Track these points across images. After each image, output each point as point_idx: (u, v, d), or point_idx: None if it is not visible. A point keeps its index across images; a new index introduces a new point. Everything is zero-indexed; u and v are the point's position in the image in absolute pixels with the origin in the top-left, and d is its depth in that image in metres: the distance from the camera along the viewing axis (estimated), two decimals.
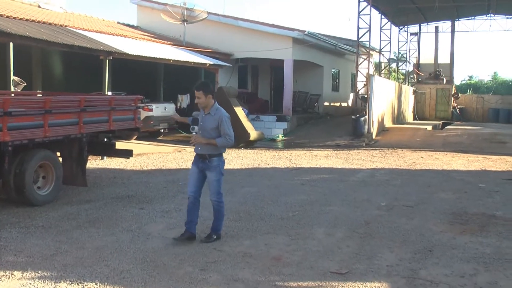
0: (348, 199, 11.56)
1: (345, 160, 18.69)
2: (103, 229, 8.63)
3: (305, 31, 28.37)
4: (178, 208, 10.22)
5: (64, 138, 10.59)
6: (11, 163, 9.73)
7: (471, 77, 73.87)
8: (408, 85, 43.59)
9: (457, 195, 12.28)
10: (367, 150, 22.24)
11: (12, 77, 15.18)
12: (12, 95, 13.64)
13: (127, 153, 12.81)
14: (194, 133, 8.13)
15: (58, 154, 11.41)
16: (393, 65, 46.18)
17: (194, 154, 8.32)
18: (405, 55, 46.61)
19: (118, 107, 11.92)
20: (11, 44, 15.04)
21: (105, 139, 12.59)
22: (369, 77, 28.55)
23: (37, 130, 9.81)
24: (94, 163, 15.71)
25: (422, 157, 19.71)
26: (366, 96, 30.80)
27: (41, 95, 14.79)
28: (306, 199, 11.41)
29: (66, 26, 19.70)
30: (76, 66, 24.09)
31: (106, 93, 18.06)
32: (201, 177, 8.19)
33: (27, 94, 13.75)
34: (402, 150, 22.00)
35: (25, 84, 15.49)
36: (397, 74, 46.00)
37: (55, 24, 19.16)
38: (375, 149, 22.40)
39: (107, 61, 17.91)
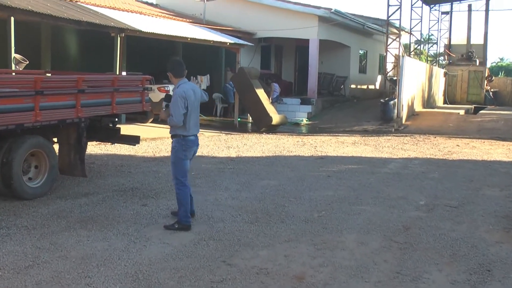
0: (381, 196, 10.15)
1: (374, 147, 17.27)
2: (95, 232, 7.34)
3: (331, 9, 26.91)
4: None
5: (58, 123, 9.28)
6: None
7: (501, 59, 71.70)
8: (438, 67, 41.79)
9: (506, 192, 10.82)
10: (397, 136, 20.81)
11: (14, 54, 13.93)
12: (13, 74, 12.41)
13: (134, 140, 11.49)
14: (163, 109, 7.99)
15: (55, 140, 10.16)
16: (421, 47, 44.34)
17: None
18: (434, 36, 44.62)
19: (122, 88, 10.57)
20: (12, 19, 13.78)
21: (110, 124, 11.29)
22: (399, 58, 26.99)
23: (26, 114, 8.49)
24: (103, 148, 14.48)
25: (458, 145, 18.24)
26: (395, 78, 29.36)
27: (49, 74, 13.51)
28: (333, 196, 10.03)
29: (76, 1, 18.41)
30: (90, 45, 22.84)
31: (118, 73, 16.81)
32: None
33: (23, 73, 12.49)
34: (435, 137, 20.55)
35: (27, 63, 14.23)
36: (427, 56, 44.04)
37: None
38: (406, 135, 20.97)
39: (119, 38, 16.66)
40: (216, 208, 8.72)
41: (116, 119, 11.26)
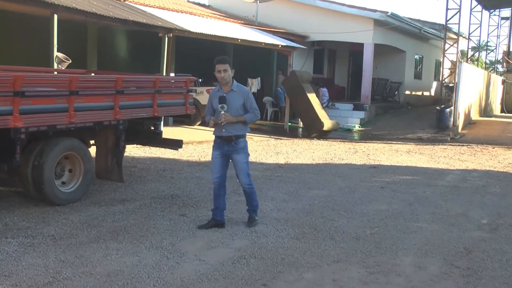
0: (439, 211, 9.33)
1: (430, 157, 16.39)
2: (126, 244, 6.74)
3: (388, 12, 26.01)
4: (227, 215, 8.20)
5: (94, 125, 8.75)
6: (29, 153, 8.01)
7: None
8: (495, 74, 40.39)
9: None
10: (453, 145, 19.86)
11: (56, 53, 13.51)
12: (55, 73, 11.97)
13: (176, 144, 10.92)
14: (223, 112, 7.42)
15: (92, 142, 9.64)
16: (478, 54, 42.94)
17: (215, 138, 7.77)
18: (492, 42, 43.11)
19: (164, 90, 9.99)
20: (55, 16, 13.35)
21: (152, 127, 10.74)
22: (457, 64, 25.97)
23: (59, 115, 7.97)
24: (147, 151, 13.97)
25: None
26: (451, 85, 28.32)
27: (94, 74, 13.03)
28: (387, 210, 9.26)
29: (124, 0, 17.97)
30: (138, 45, 22.50)
31: (165, 74, 16.32)
32: (225, 162, 7.75)
33: (66, 72, 12.03)
34: (494, 147, 19.52)
35: (70, 62, 13.80)
36: (484, 63, 42.64)
37: None
38: (463, 145, 19.99)
39: (167, 38, 16.16)
40: (260, 220, 8.04)
41: (159, 122, 10.70)
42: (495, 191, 11.52)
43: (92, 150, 9.48)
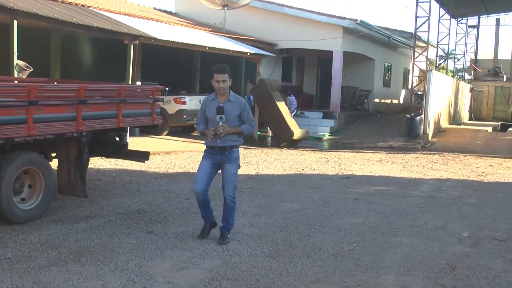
0: (418, 224, 8.99)
1: (402, 166, 16.11)
2: (89, 267, 6.25)
3: (357, 19, 25.75)
4: (197, 232, 7.79)
5: (56, 137, 8.24)
6: None
7: None
8: (462, 81, 40.49)
9: None
10: (424, 154, 19.65)
11: (16, 61, 12.93)
12: (16, 82, 11.43)
13: (143, 156, 10.44)
14: (221, 123, 7.15)
15: (54, 155, 9.12)
16: (445, 62, 43.00)
17: (206, 148, 7.50)
18: (459, 50, 43.13)
19: (130, 99, 9.51)
20: (15, 22, 12.78)
21: (117, 138, 10.25)
22: (426, 72, 25.84)
23: (17, 127, 7.44)
24: (113, 162, 13.41)
25: (491, 166, 17.04)
26: (420, 93, 28.23)
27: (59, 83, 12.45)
28: (364, 224, 8.88)
29: (88, 6, 17.43)
30: (104, 53, 21.91)
31: (130, 82, 15.82)
32: (213, 172, 7.47)
33: (26, 81, 11.46)
34: (465, 156, 19.34)
35: (31, 70, 13.23)
36: (448, 71, 42.73)
37: (76, 4, 16.89)
38: (434, 153, 19.78)
39: (132, 46, 15.68)
40: (232, 236, 7.61)
41: (124, 133, 10.22)
42: (471, 201, 11.23)
43: (54, 164, 8.97)
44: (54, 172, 8.70)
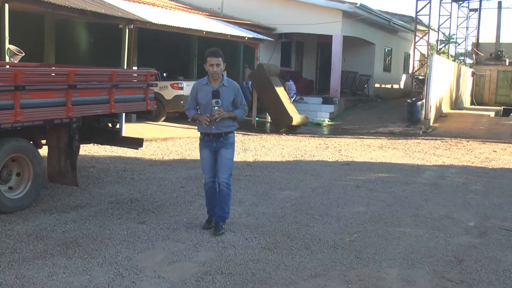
0: (421, 213, 8.66)
1: (404, 152, 15.78)
2: (76, 260, 5.93)
3: (356, 3, 25.34)
4: (191, 222, 7.50)
5: (44, 123, 7.89)
6: None
7: None
8: (464, 66, 40.07)
9: None
10: (426, 139, 19.31)
11: (8, 45, 12.55)
12: (7, 67, 11.06)
13: (136, 142, 10.09)
14: (217, 108, 6.89)
15: (44, 142, 8.78)
16: (445, 46, 42.46)
17: (200, 136, 7.24)
18: (461, 34, 42.59)
19: (122, 84, 9.15)
20: (7, 6, 12.39)
21: (109, 124, 9.91)
22: (428, 56, 25.45)
23: (3, 113, 7.08)
24: (108, 149, 13.02)
25: (495, 151, 16.70)
26: (420, 77, 27.86)
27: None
28: (366, 213, 8.56)
29: None
30: (100, 38, 21.52)
31: (125, 67, 15.46)
32: (214, 160, 7.21)
33: (17, 66, 11.08)
34: (468, 141, 19.00)
35: (23, 55, 12.84)
36: (449, 56, 42.23)
37: None
38: (436, 139, 19.44)
39: (127, 30, 15.31)
40: (227, 227, 7.28)
41: (117, 119, 9.88)
42: (476, 188, 10.90)
43: (44, 151, 8.65)
44: (44, 160, 8.37)
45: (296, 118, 20.09)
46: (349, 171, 12.37)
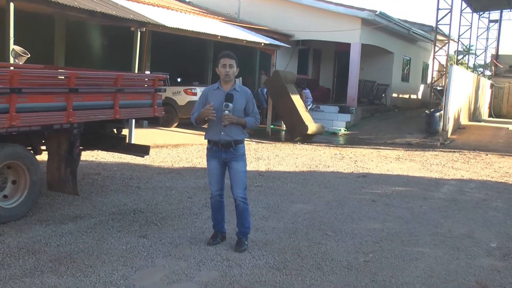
0: (441, 232, 8.15)
1: (422, 165, 15.25)
2: (67, 278, 5.47)
3: (376, 11, 24.79)
4: (196, 237, 7.04)
5: (42, 128, 7.45)
6: None
7: None
8: (483, 77, 39.42)
9: None
10: (444, 151, 18.77)
11: (12, 46, 12.15)
12: (12, 68, 10.65)
13: (143, 150, 9.64)
14: (227, 112, 6.43)
15: (44, 148, 8.36)
16: (463, 57, 41.78)
17: (208, 145, 6.80)
18: (480, 45, 41.91)
19: (128, 89, 8.71)
20: (12, 4, 12.00)
21: (114, 130, 9.49)
22: (447, 67, 24.90)
23: None
24: (116, 155, 12.54)
25: None
26: (439, 88, 27.30)
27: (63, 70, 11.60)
28: (382, 230, 8.06)
29: None
30: (113, 41, 21.11)
31: (137, 71, 15.05)
32: (223, 172, 6.82)
33: (21, 67, 10.66)
34: (487, 154, 18.44)
35: (28, 56, 12.43)
36: (468, 67, 41.59)
37: None
38: (454, 151, 18.90)
39: (139, 33, 14.90)
40: (233, 242, 6.81)
41: (122, 126, 9.46)
42: (497, 205, 10.38)
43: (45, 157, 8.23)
44: (41, 168, 7.94)
45: (312, 127, 19.61)
46: (365, 184, 11.87)
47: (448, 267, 6.56)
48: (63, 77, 7.66)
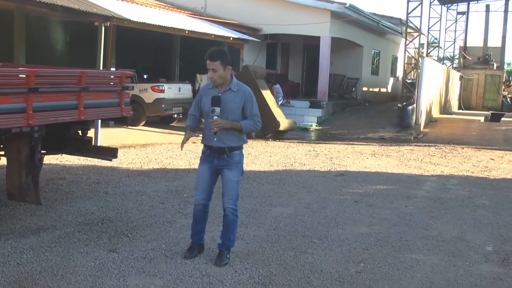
0: (431, 235, 7.66)
1: (399, 160, 14.83)
2: None
3: (345, 3, 24.32)
4: (171, 249, 6.44)
5: (0, 133, 6.78)
6: None
7: None
8: (452, 69, 39.33)
9: None
10: (419, 146, 18.45)
11: None
12: None
13: (110, 153, 8.99)
14: (216, 117, 5.91)
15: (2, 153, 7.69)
16: (434, 49, 41.63)
17: (203, 148, 6.21)
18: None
19: (93, 87, 8.06)
20: None
21: (79, 132, 8.82)
22: (418, 59, 24.60)
23: None
24: (82, 158, 11.77)
25: (492, 159, 15.83)
26: (409, 81, 27.03)
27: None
28: (369, 234, 7.54)
29: None
30: (77, 38, 20.40)
31: (101, 68, 14.39)
32: (214, 179, 6.25)
33: None
34: (463, 148, 18.16)
35: None
36: (436, 58, 41.46)
37: None
38: (429, 145, 18.57)
39: (104, 28, 14.24)
40: (213, 255, 6.24)
41: (88, 128, 8.81)
42: (484, 203, 9.95)
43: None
44: (1, 174, 7.27)
45: (284, 123, 19.09)
46: (344, 183, 11.36)
47: (447, 276, 6.06)
48: (22, 76, 6.97)
